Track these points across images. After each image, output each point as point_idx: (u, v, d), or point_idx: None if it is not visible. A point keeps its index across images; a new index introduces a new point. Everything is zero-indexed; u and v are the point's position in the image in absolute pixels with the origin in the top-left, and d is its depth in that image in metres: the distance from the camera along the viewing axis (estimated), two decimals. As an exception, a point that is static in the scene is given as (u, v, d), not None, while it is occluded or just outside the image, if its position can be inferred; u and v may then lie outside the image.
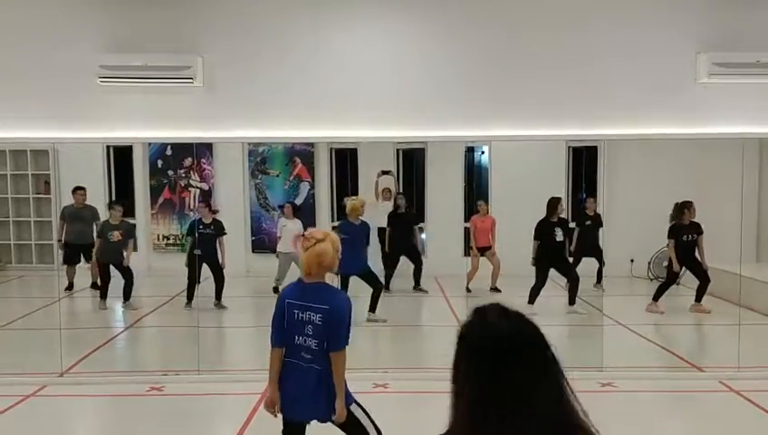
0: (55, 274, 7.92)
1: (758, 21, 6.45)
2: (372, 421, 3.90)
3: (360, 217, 7.92)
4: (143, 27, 6.44)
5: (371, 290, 7.89)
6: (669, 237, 8.10)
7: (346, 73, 6.53)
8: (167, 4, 6.45)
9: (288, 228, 8.80)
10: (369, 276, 7.85)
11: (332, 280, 5.21)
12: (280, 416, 3.89)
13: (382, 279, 8.34)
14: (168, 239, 9.17)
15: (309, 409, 3.79)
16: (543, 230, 8.04)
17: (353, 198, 8.09)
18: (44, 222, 8.70)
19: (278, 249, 8.87)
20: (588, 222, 8.63)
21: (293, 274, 7.76)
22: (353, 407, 3.85)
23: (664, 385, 6.38)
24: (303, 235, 3.84)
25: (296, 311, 3.75)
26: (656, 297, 8.22)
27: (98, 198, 8.25)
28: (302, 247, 3.73)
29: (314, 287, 3.76)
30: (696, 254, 8.03)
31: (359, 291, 7.66)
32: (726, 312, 7.77)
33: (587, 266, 8.38)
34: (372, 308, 7.89)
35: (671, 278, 8.19)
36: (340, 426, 3.84)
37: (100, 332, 8.13)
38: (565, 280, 8.22)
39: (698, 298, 8.11)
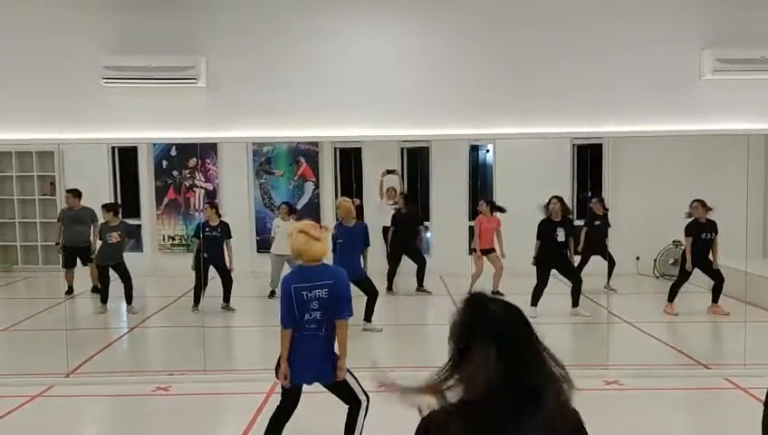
0: (61, 275, 7.95)
1: (762, 17, 6.43)
2: (363, 389, 4.40)
3: (354, 219, 7.73)
4: (146, 28, 6.45)
5: (366, 297, 7.62)
6: (687, 235, 8.03)
7: (350, 72, 6.53)
8: (170, 5, 6.46)
9: (282, 229, 8.74)
10: (364, 282, 7.57)
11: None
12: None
13: (382, 282, 8.20)
14: (174, 240, 9.19)
15: (315, 373, 4.33)
16: (545, 230, 7.99)
17: (343, 199, 7.93)
18: (50, 223, 8.71)
19: (272, 250, 8.80)
20: (597, 222, 8.55)
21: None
22: (347, 376, 4.39)
23: (670, 383, 6.36)
24: (321, 226, 4.36)
25: (304, 293, 4.21)
26: (670, 298, 8.11)
27: (103, 198, 8.24)
28: (316, 236, 4.21)
29: (317, 268, 4.27)
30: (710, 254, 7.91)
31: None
32: (732, 309, 7.75)
33: (594, 266, 8.34)
34: (368, 317, 7.66)
35: (682, 277, 8.10)
36: (335, 391, 4.39)
37: (106, 332, 8.16)
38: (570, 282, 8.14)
39: (715, 299, 7.96)
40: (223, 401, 6.07)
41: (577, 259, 8.35)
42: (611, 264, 8.09)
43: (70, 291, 8.15)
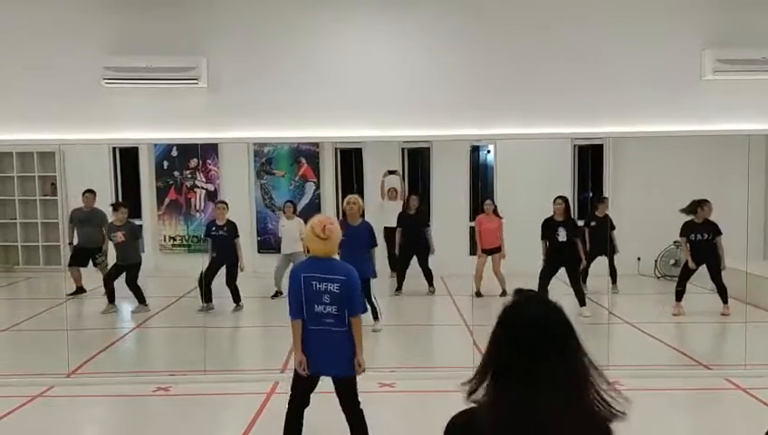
0: (62, 275, 7.96)
1: (763, 17, 6.43)
2: None
3: (361, 218, 7.58)
4: (147, 29, 6.46)
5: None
6: (681, 235, 8.01)
7: (351, 73, 6.54)
8: (171, 5, 6.47)
9: (287, 229, 8.73)
10: (364, 286, 7.19)
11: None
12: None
13: (382, 282, 8.08)
14: (175, 240, 9.19)
15: (334, 365, 4.36)
16: (547, 229, 7.97)
17: (356, 196, 7.75)
18: (51, 224, 8.72)
19: (282, 251, 8.79)
20: (593, 223, 8.54)
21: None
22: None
23: (670, 383, 6.37)
24: (325, 225, 4.33)
25: (314, 282, 4.27)
26: (677, 298, 8.08)
27: (104, 199, 8.27)
28: (322, 237, 4.27)
29: (330, 262, 4.36)
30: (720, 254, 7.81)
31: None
32: (733, 309, 7.75)
33: (595, 267, 8.33)
34: (375, 316, 7.62)
35: (683, 277, 8.07)
36: (343, 390, 4.41)
37: (107, 332, 8.16)
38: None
39: (724, 300, 7.91)
40: (223, 401, 6.07)
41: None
42: (613, 272, 8.08)
43: (79, 291, 8.18)
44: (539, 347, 1.70)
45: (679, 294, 8.07)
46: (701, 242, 7.86)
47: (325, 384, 4.75)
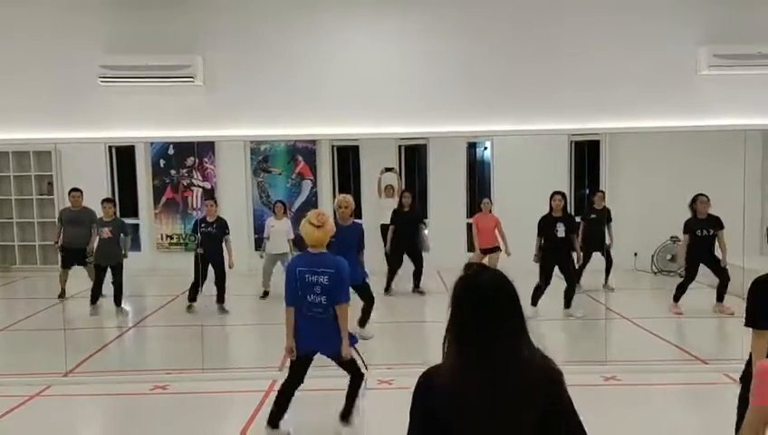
0: (59, 275, 7.94)
1: (759, 12, 6.43)
2: (362, 359, 5.11)
3: (352, 218, 7.22)
4: (143, 27, 6.45)
5: (362, 302, 7.24)
6: (684, 232, 7.96)
7: (347, 70, 6.53)
8: (166, 3, 6.46)
9: (276, 229, 8.66)
10: (361, 287, 7.13)
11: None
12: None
13: (380, 281, 8.03)
14: (172, 239, 9.17)
15: (322, 345, 4.83)
16: (545, 226, 7.95)
17: (343, 200, 7.25)
18: (48, 223, 8.70)
19: (267, 250, 8.62)
20: (593, 216, 8.51)
21: (278, 273, 7.75)
22: (352, 350, 4.90)
23: (668, 378, 6.37)
24: (319, 214, 4.78)
25: (307, 275, 4.74)
26: (676, 298, 8.02)
27: (101, 198, 8.23)
28: (315, 223, 4.70)
29: (321, 255, 4.79)
30: (717, 251, 7.75)
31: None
32: (731, 304, 7.76)
33: (592, 263, 8.33)
34: (362, 323, 7.30)
35: (688, 276, 7.98)
36: (340, 363, 4.89)
37: (104, 332, 8.15)
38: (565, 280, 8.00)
39: (719, 297, 7.87)
40: (221, 399, 6.07)
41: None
42: (609, 263, 8.03)
43: (62, 294, 8.12)
44: (494, 308, 2.01)
45: (679, 295, 8.01)
46: (707, 238, 7.81)
47: (324, 383, 4.76)
